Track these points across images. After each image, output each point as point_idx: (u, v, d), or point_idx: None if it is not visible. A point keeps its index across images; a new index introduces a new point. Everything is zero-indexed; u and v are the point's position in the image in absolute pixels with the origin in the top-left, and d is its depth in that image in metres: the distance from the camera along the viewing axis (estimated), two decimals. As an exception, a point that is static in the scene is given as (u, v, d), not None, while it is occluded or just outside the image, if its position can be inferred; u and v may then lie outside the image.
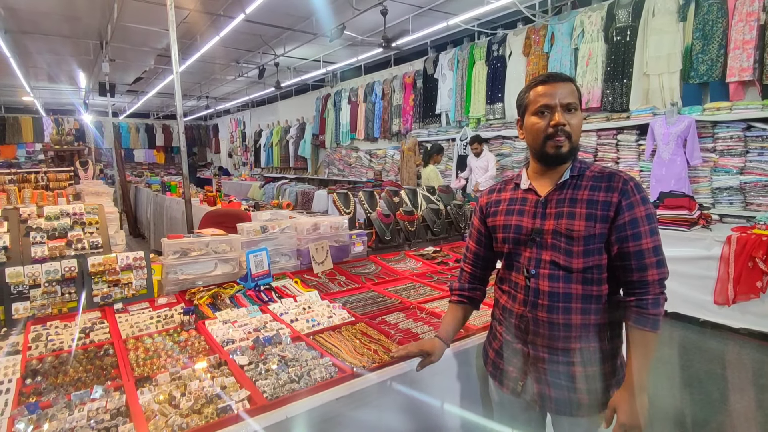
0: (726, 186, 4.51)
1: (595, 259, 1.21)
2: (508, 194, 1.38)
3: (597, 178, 1.24)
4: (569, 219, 1.22)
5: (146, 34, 7.63)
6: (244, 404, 1.21)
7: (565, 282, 1.22)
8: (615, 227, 1.19)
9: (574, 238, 1.20)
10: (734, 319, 3.66)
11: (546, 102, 1.22)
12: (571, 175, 1.26)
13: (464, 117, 7.37)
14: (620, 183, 1.20)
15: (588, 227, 1.19)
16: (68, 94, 13.06)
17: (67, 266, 1.94)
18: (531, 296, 1.25)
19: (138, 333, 1.73)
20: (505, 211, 1.35)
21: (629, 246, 1.18)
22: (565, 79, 1.25)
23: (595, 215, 1.20)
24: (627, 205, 1.19)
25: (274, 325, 1.75)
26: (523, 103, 1.31)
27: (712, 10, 4.66)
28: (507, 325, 1.34)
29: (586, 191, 1.23)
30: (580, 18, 5.77)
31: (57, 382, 1.37)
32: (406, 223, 2.88)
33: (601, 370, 1.24)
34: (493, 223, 1.38)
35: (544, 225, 1.25)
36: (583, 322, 1.21)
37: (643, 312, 1.18)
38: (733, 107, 4.41)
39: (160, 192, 7.70)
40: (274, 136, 12.96)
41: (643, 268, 1.18)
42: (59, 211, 2.24)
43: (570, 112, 1.22)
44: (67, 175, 5.24)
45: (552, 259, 1.23)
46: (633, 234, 1.18)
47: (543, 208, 1.26)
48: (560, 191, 1.26)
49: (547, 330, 1.23)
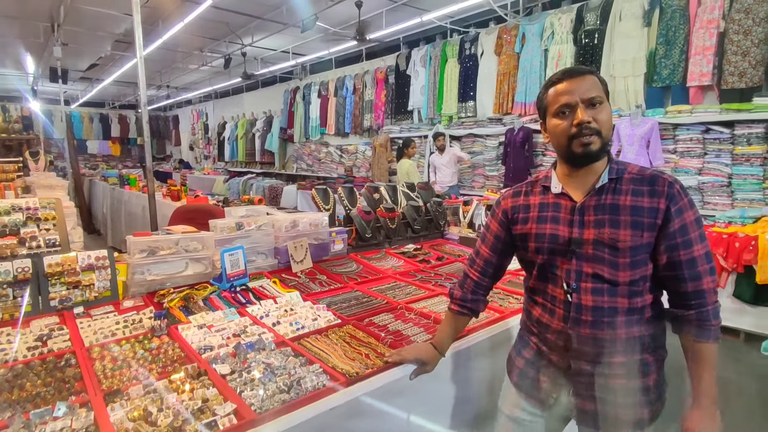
0: (686, 186, 4.70)
1: (642, 270, 1.12)
2: (537, 198, 1.26)
3: (637, 181, 1.14)
4: (613, 228, 1.11)
5: (103, 18, 7.16)
6: (231, 419, 1.11)
7: (610, 296, 1.12)
8: (664, 235, 1.10)
9: (620, 249, 1.10)
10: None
11: (566, 101, 1.12)
12: (609, 178, 1.15)
13: (436, 114, 7.37)
14: (666, 186, 1.10)
15: (635, 237, 1.10)
16: (13, 79, 12.13)
17: (19, 266, 1.75)
18: (573, 312, 1.16)
19: (103, 340, 1.58)
20: (537, 218, 1.23)
21: (680, 254, 1.10)
22: (584, 72, 1.14)
23: (642, 223, 1.10)
24: (676, 211, 1.09)
25: (255, 329, 1.65)
26: (542, 105, 1.20)
27: (675, 17, 4.85)
28: (543, 338, 1.25)
29: (629, 196, 1.12)
30: (550, 20, 5.87)
31: (12, 399, 1.21)
32: (387, 221, 2.82)
33: (643, 382, 1.17)
34: (522, 230, 1.26)
35: (584, 234, 1.14)
36: (628, 335, 1.13)
37: (705, 324, 1.10)
38: (693, 110, 4.61)
39: (118, 185, 7.29)
40: (240, 128, 12.55)
41: (697, 277, 1.10)
42: (10, 206, 2.02)
43: (594, 107, 1.11)
44: (15, 167, 4.84)
45: (595, 272, 1.13)
46: (684, 241, 1.09)
47: (581, 216, 1.15)
48: (598, 196, 1.15)
49: (591, 347, 1.15)
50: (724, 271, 3.63)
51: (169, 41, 7.80)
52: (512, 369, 1.37)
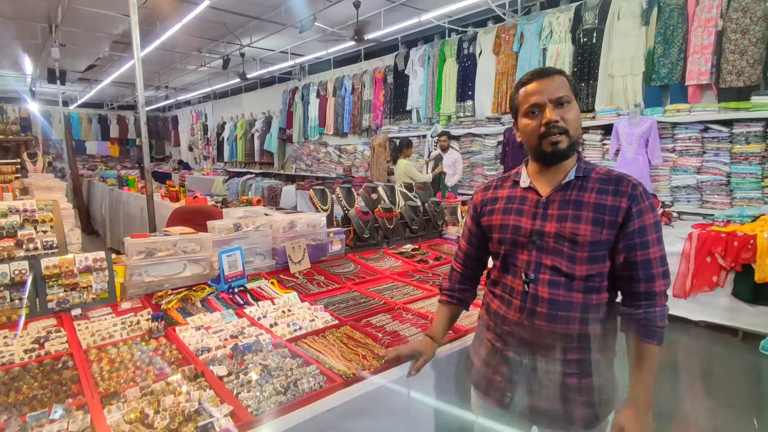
0: (684, 185, 4.72)
1: (599, 266, 1.15)
2: (505, 192, 1.30)
3: (604, 181, 1.17)
4: (574, 222, 1.14)
5: (100, 19, 7.15)
6: (227, 421, 1.11)
7: (566, 290, 1.15)
8: (623, 234, 1.13)
9: (579, 243, 1.13)
10: (693, 312, 3.83)
11: (535, 101, 1.15)
12: (576, 176, 1.18)
13: (435, 114, 7.37)
14: (629, 188, 1.14)
15: (594, 232, 1.13)
16: (12, 80, 12.12)
17: (16, 269, 1.75)
18: (529, 303, 1.18)
19: (101, 342, 1.58)
20: (503, 209, 1.27)
21: (637, 255, 1.13)
22: (553, 72, 1.17)
23: (603, 220, 1.13)
24: (637, 212, 1.13)
25: (253, 331, 1.65)
26: (514, 105, 1.24)
27: (673, 16, 4.85)
28: (498, 331, 1.27)
29: (593, 194, 1.15)
30: (548, 19, 5.87)
31: (9, 402, 1.21)
32: (385, 221, 2.81)
33: (595, 380, 1.17)
34: (488, 222, 1.30)
35: (545, 227, 1.17)
36: (581, 332, 1.15)
37: (651, 325, 1.13)
38: (691, 109, 4.62)
39: (117, 186, 7.28)
40: (239, 129, 12.55)
41: (651, 279, 1.13)
42: (7, 208, 2.02)
43: (562, 106, 1.14)
44: (13, 168, 4.83)
45: (553, 264, 1.16)
46: (641, 242, 1.13)
47: (544, 209, 1.19)
48: (564, 192, 1.18)
49: (545, 340, 1.16)
50: (722, 270, 3.64)
51: (168, 42, 7.80)
52: (470, 368, 1.38)
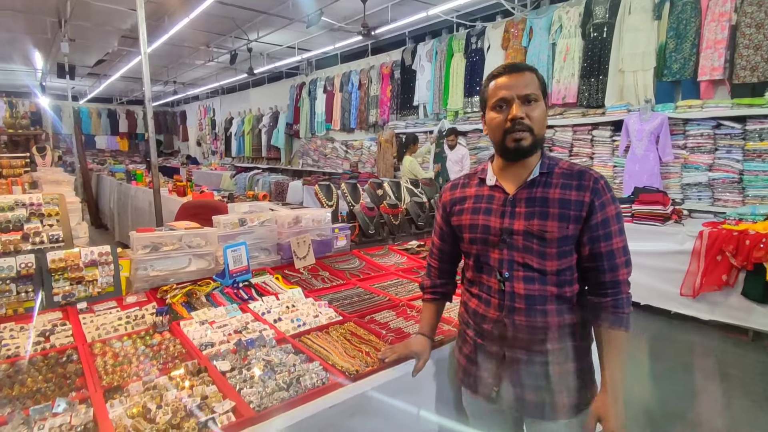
0: (695, 182, 4.65)
1: (568, 260, 1.18)
2: (473, 190, 1.30)
3: (567, 176, 1.19)
4: (541, 219, 1.16)
5: (109, 13, 7.18)
6: (229, 416, 1.11)
7: (541, 284, 1.17)
8: (587, 227, 1.16)
9: (548, 239, 1.16)
10: (703, 312, 3.77)
11: (503, 95, 1.16)
12: (540, 172, 1.21)
13: (442, 109, 7.32)
14: (591, 182, 1.17)
15: (561, 228, 1.15)
16: (22, 75, 12.23)
17: (23, 262, 1.76)
18: (507, 300, 1.19)
19: (105, 336, 1.59)
20: (471, 209, 1.28)
21: (601, 246, 1.16)
22: (524, 69, 1.18)
23: (568, 215, 1.16)
24: (599, 205, 1.16)
25: (257, 326, 1.64)
26: (483, 97, 1.25)
27: (686, 10, 4.76)
28: (480, 329, 1.27)
29: (558, 189, 1.18)
30: (558, 13, 5.79)
31: (12, 395, 1.22)
32: (391, 217, 2.80)
33: (576, 368, 1.21)
34: (458, 222, 1.30)
35: (514, 225, 1.19)
36: (559, 323, 1.18)
37: (619, 312, 1.17)
38: (704, 105, 4.53)
39: (125, 181, 7.32)
40: (246, 124, 12.57)
41: (615, 268, 1.17)
42: (13, 201, 2.03)
43: (529, 104, 1.15)
44: (23, 162, 4.86)
45: (525, 262, 1.18)
46: (605, 234, 1.16)
47: (512, 207, 1.20)
48: (530, 189, 1.20)
49: (526, 334, 1.19)
50: (733, 269, 3.57)
51: (175, 37, 7.82)
52: (457, 367, 1.39)
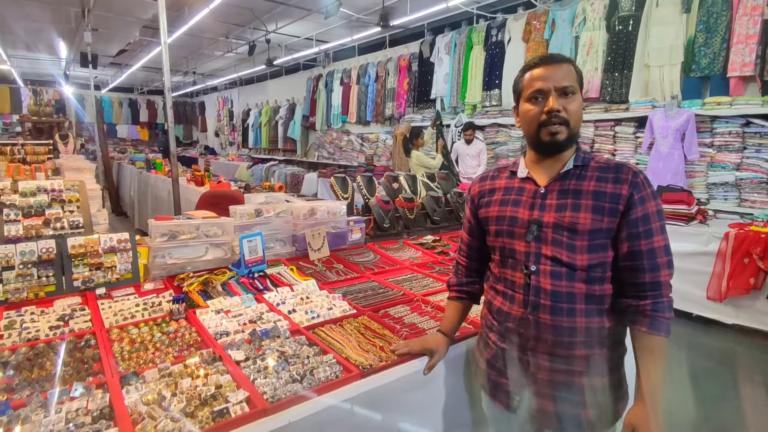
0: (722, 181, 4.50)
1: (600, 255, 1.11)
2: (503, 182, 1.27)
3: (603, 169, 1.14)
4: (573, 211, 1.11)
5: (131, 3, 7.26)
6: (243, 407, 1.10)
7: (569, 280, 1.11)
8: (626, 223, 1.09)
9: (579, 231, 1.10)
10: (727, 315, 3.67)
11: (540, 86, 1.12)
12: (574, 165, 1.16)
13: (460, 103, 7.23)
14: (630, 175, 1.11)
15: (594, 220, 1.09)
16: (47, 64, 12.48)
17: (44, 247, 1.79)
18: (532, 296, 1.14)
19: (123, 322, 1.61)
20: (500, 201, 1.24)
21: (641, 244, 1.09)
22: (562, 60, 1.14)
23: (603, 208, 1.09)
24: (639, 200, 1.09)
25: (271, 317, 1.64)
26: (517, 88, 1.20)
27: (716, 3, 4.58)
28: (503, 330, 1.22)
29: (593, 182, 1.12)
30: (582, 5, 5.64)
31: (32, 377, 1.24)
32: (406, 211, 2.77)
33: (607, 381, 1.13)
34: (486, 214, 1.26)
35: (544, 217, 1.14)
36: (588, 325, 1.11)
37: (658, 316, 1.09)
38: (733, 102, 4.37)
39: (145, 169, 7.44)
40: (263, 116, 12.63)
41: (656, 268, 1.09)
42: (35, 187, 2.07)
43: (566, 97, 1.11)
44: (46, 149, 4.96)
45: (553, 255, 1.12)
46: (645, 231, 1.09)
47: (542, 199, 1.16)
48: (562, 181, 1.15)
49: (551, 335, 1.12)
50: (761, 272, 3.46)
51: (195, 27, 7.86)
52: (477, 371, 1.35)
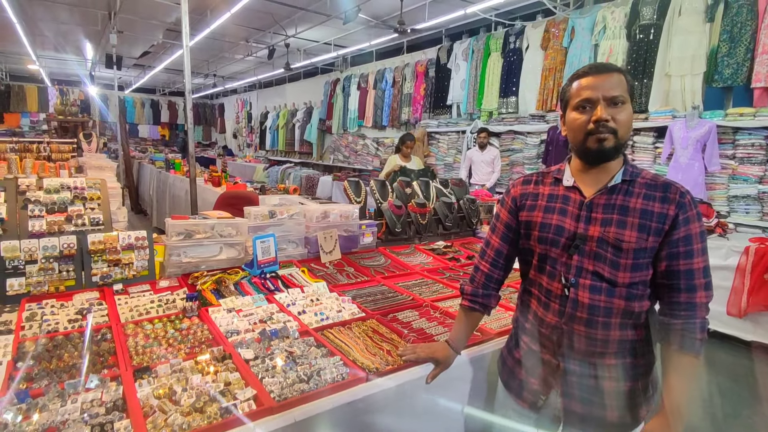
0: (743, 194, 4.39)
1: (643, 274, 1.11)
2: (547, 189, 1.24)
3: (651, 186, 1.13)
4: (619, 228, 1.10)
5: (155, 7, 7.44)
6: (250, 404, 1.13)
7: (608, 296, 1.11)
8: (668, 242, 1.09)
9: (623, 249, 1.09)
10: (746, 331, 3.57)
11: (588, 95, 1.10)
12: (623, 179, 1.14)
13: (476, 109, 7.21)
14: (677, 195, 1.10)
15: (640, 239, 1.09)
16: (74, 64, 12.86)
17: (65, 242, 1.85)
18: (569, 308, 1.14)
19: (138, 317, 1.65)
20: (545, 207, 1.21)
21: (680, 264, 1.09)
22: (612, 69, 1.12)
23: (649, 227, 1.09)
24: (684, 220, 1.09)
25: (281, 317, 1.67)
26: (565, 96, 1.18)
27: (741, 12, 4.49)
28: (535, 333, 1.23)
29: (640, 200, 1.11)
30: (602, 13, 5.59)
31: (50, 368, 1.29)
32: (418, 216, 2.78)
33: (634, 387, 1.15)
34: (528, 217, 1.24)
35: (589, 230, 1.13)
36: (621, 338, 1.12)
37: (690, 336, 1.09)
38: (756, 113, 4.27)
39: (164, 169, 7.60)
40: (281, 118, 12.79)
41: (693, 289, 1.09)
42: (59, 184, 2.14)
43: (616, 106, 1.09)
44: (70, 147, 5.11)
45: (595, 270, 1.11)
46: (686, 251, 1.09)
47: (588, 212, 1.14)
48: (609, 195, 1.14)
49: (584, 345, 1.13)
50: (781, 289, 3.36)
51: (216, 31, 8.02)
52: (503, 368, 1.36)
